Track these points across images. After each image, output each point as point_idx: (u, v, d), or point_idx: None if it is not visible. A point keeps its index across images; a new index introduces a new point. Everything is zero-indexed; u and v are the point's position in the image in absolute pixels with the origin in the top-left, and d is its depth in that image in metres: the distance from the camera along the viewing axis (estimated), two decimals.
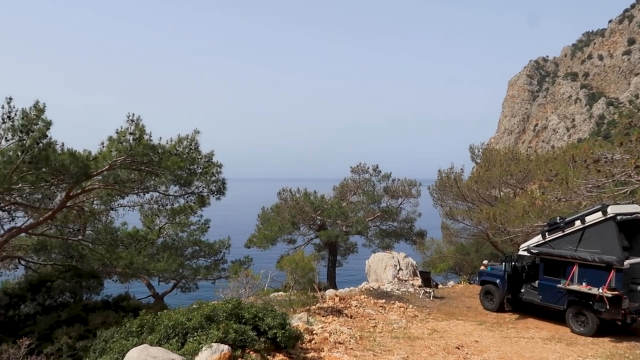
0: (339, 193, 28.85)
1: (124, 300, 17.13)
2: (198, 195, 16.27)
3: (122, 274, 18.25)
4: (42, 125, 11.63)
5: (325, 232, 24.96)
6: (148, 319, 8.64)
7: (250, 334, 8.27)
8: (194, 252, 21.75)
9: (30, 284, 16.21)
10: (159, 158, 13.38)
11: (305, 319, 12.70)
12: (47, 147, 11.79)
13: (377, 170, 27.79)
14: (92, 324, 14.35)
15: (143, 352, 6.78)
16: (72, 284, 16.36)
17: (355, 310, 15.37)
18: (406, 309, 16.32)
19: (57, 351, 12.98)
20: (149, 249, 18.22)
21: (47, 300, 16.36)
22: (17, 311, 15.93)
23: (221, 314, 8.51)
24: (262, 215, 28.02)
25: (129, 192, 15.83)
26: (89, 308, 15.84)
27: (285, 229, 26.13)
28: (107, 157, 12.86)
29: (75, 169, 12.29)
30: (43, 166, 11.94)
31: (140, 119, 12.82)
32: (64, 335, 13.52)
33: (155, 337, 8.02)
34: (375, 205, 27.64)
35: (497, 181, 22.50)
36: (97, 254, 16.48)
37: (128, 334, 8.42)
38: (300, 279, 15.84)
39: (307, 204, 25.39)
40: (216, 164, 15.20)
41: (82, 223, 16.98)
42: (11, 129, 11.47)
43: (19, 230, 14.75)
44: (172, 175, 14.51)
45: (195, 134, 14.32)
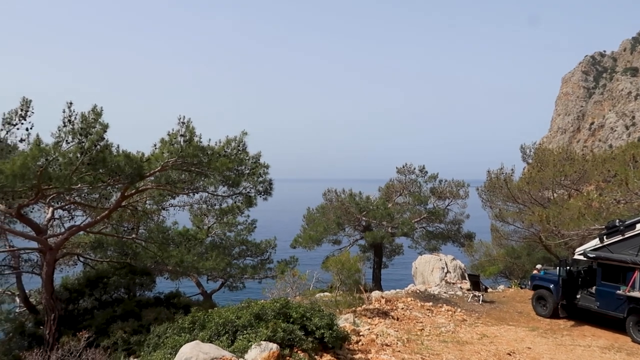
0: (384, 194, 28.58)
1: (175, 297, 17.64)
2: (245, 195, 16.55)
3: (173, 271, 18.81)
4: (100, 128, 12.10)
5: (370, 234, 24.77)
6: (199, 316, 8.85)
7: (298, 334, 8.32)
8: (241, 252, 22.14)
9: (88, 280, 16.97)
10: (208, 159, 13.70)
11: (352, 320, 12.65)
12: (104, 149, 12.27)
13: (423, 171, 27.35)
14: (145, 319, 14.87)
15: (195, 348, 6.95)
16: (126, 280, 17.00)
17: (402, 313, 15.18)
18: (454, 313, 15.97)
19: (113, 345, 13.52)
20: (198, 248, 18.70)
21: (104, 295, 17.09)
22: (77, 305, 16.74)
23: (269, 313, 8.61)
24: (307, 215, 28.14)
25: (179, 192, 16.29)
26: (142, 304, 16.42)
27: (330, 229, 26.12)
28: (159, 159, 13.28)
29: (130, 170, 12.75)
30: (100, 167, 12.45)
31: (190, 121, 13.17)
32: (119, 329, 14.08)
33: (206, 333, 8.20)
34: (422, 207, 27.21)
35: (550, 182, 21.63)
36: (150, 252, 17.06)
37: (180, 330, 8.66)
38: (346, 280, 15.82)
39: (352, 205, 25.31)
40: (263, 164, 15.40)
41: (136, 222, 17.64)
42: (71, 132, 11.99)
43: (78, 229, 15.47)
44: (221, 176, 14.82)
45: (243, 135, 14.56)
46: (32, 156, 11.55)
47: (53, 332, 14.12)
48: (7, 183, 11.60)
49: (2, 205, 14.23)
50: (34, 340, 15.36)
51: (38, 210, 17.03)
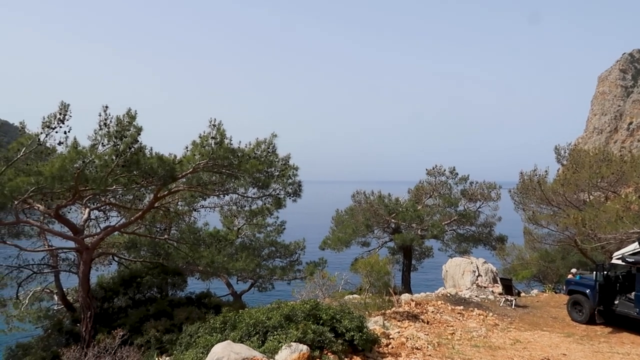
0: (414, 196, 28.27)
1: (206, 297, 17.90)
2: (275, 197, 16.69)
3: (204, 272, 19.09)
4: (134, 131, 12.38)
5: (399, 236, 24.53)
6: (230, 316, 8.95)
7: (328, 335, 8.32)
8: (270, 253, 22.28)
9: (122, 279, 17.38)
10: (239, 161, 13.86)
11: (381, 323, 12.56)
12: (138, 151, 12.57)
13: (454, 173, 26.94)
14: (177, 318, 15.14)
15: (227, 348, 7.03)
16: (159, 280, 17.35)
17: (432, 316, 14.99)
18: (486, 317, 15.69)
19: (146, 343, 13.81)
20: (229, 249, 18.92)
21: (137, 294, 17.48)
22: (111, 304, 17.17)
23: (299, 314, 8.64)
24: (336, 217, 28.08)
25: (210, 193, 16.55)
26: (174, 303, 16.71)
27: (359, 231, 26.00)
28: (191, 161, 13.52)
29: (163, 171, 13.02)
30: (134, 169, 12.75)
31: (221, 123, 13.36)
32: (152, 328, 14.37)
33: (237, 334, 8.29)
34: (452, 209, 26.79)
35: (586, 184, 20.99)
36: (182, 253, 17.35)
37: (212, 329, 8.77)
38: (375, 282, 15.73)
39: (381, 207, 25.13)
40: (292, 166, 15.51)
41: (168, 223, 18.02)
42: (107, 134, 12.31)
43: (113, 229, 15.89)
44: (251, 178, 14.98)
45: (272, 137, 14.69)
46: (69, 158, 11.93)
47: (89, 330, 14.53)
48: (47, 184, 12.02)
49: (42, 205, 14.75)
50: (71, 337, 15.85)
51: (75, 211, 17.59)
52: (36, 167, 12.06)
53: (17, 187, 11.71)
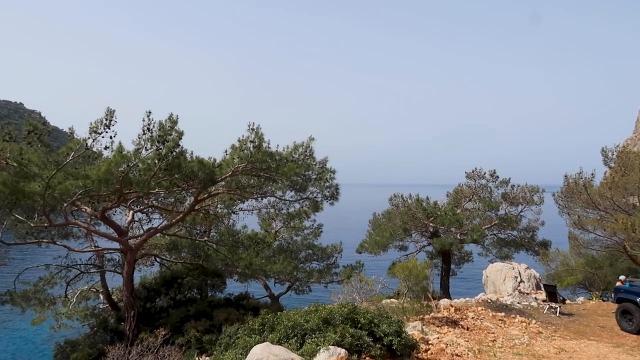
0: (452, 199, 27.75)
1: (244, 299, 18.12)
2: (312, 200, 16.77)
3: (242, 274, 19.38)
4: (176, 135, 12.71)
5: (438, 240, 24.15)
6: (269, 318, 9.03)
7: (366, 340, 8.26)
8: (307, 256, 22.38)
9: (164, 280, 17.84)
10: (277, 164, 14.02)
11: (420, 328, 12.39)
12: (180, 155, 12.89)
13: (494, 176, 26.29)
14: (217, 319, 15.39)
15: (265, 350, 7.09)
16: (199, 281, 17.71)
17: (472, 322, 14.67)
18: (529, 324, 15.21)
19: (187, 343, 14.12)
20: (266, 251, 19.14)
21: (178, 295, 17.89)
22: (153, 304, 17.64)
23: (337, 317, 8.62)
24: (373, 221, 27.91)
25: (248, 196, 16.78)
26: (214, 304, 17.00)
27: (396, 235, 25.74)
28: (230, 164, 13.76)
29: (203, 175, 13.31)
30: (176, 173, 13.08)
31: (259, 127, 13.54)
32: (192, 328, 14.67)
33: (276, 336, 8.35)
34: (493, 213, 26.13)
35: (635, 187, 20.09)
36: (221, 254, 17.68)
37: (251, 331, 8.87)
38: (414, 286, 15.52)
39: (419, 210, 24.80)
40: (330, 170, 15.56)
41: (208, 225, 18.38)
42: (150, 139, 12.69)
43: (155, 231, 16.35)
44: (289, 181, 15.11)
45: (310, 141, 14.79)
46: (115, 162, 12.37)
47: (133, 328, 14.98)
48: (93, 187, 12.50)
49: (89, 208, 15.34)
50: (116, 335, 16.38)
51: (120, 213, 18.20)
52: (84, 171, 12.55)
53: (66, 190, 12.22)
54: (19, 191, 12.08)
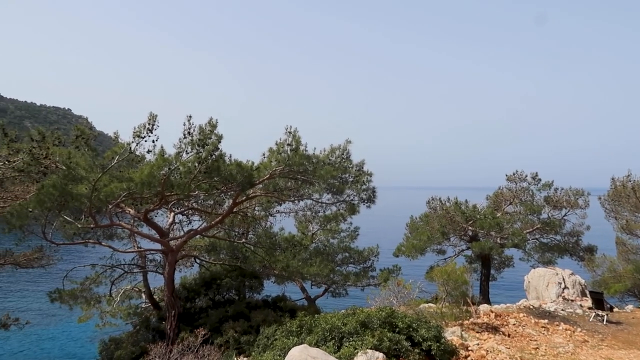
0: (492, 202, 27.09)
1: (281, 300, 18.26)
2: (349, 203, 16.73)
3: (279, 275, 19.50)
4: (215, 139, 12.94)
5: (477, 244, 23.60)
6: (306, 320, 9.07)
7: (404, 344, 8.18)
8: (344, 259, 22.30)
9: (203, 281, 18.19)
10: (314, 167, 14.07)
11: (459, 334, 12.16)
12: (219, 158, 13.12)
13: (536, 179, 25.50)
14: (254, 320, 15.57)
15: (304, 352, 7.12)
16: (237, 282, 17.97)
17: (514, 329, 14.28)
18: (573, 332, 14.67)
19: (225, 343, 14.33)
20: (303, 254, 19.20)
21: (217, 296, 18.21)
22: (193, 304, 18.02)
23: (375, 321, 8.57)
24: (410, 224, 27.55)
25: (285, 199, 16.92)
26: (251, 306, 17.21)
27: (434, 238, 25.31)
28: (267, 167, 13.91)
29: (241, 178, 13.51)
30: (215, 175, 13.33)
31: (297, 130, 13.63)
32: (230, 329, 14.90)
33: (313, 338, 8.37)
34: (535, 217, 25.35)
35: None
36: (258, 256, 17.87)
37: (289, 333, 8.93)
38: (452, 291, 15.26)
39: (457, 214, 24.32)
40: (367, 172, 15.49)
41: (246, 227, 18.63)
42: (190, 143, 12.98)
43: (195, 232, 16.70)
44: (325, 184, 15.14)
45: (347, 144, 14.79)
46: (157, 165, 12.72)
47: (173, 328, 15.34)
48: (136, 190, 12.88)
49: (132, 210, 15.83)
50: (157, 333, 16.81)
51: (161, 215, 18.68)
52: (127, 174, 12.96)
53: (111, 192, 12.65)
54: (67, 193, 12.59)
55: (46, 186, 12.36)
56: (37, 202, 12.43)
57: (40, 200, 12.43)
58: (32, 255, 15.85)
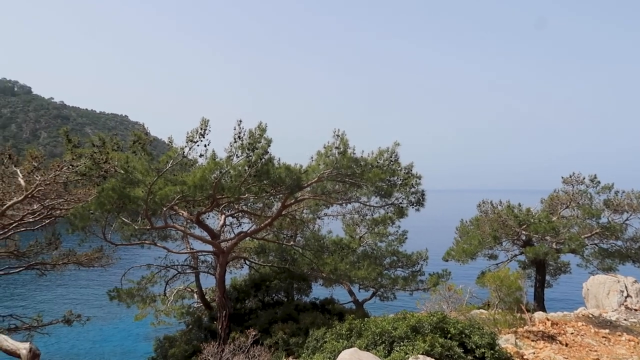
0: (547, 206, 26.04)
1: (330, 303, 18.28)
2: (397, 206, 16.55)
3: (327, 278, 19.55)
4: (264, 143, 13.17)
5: (531, 249, 22.75)
6: (356, 324, 9.04)
7: (456, 350, 8.00)
8: (392, 262, 22.05)
9: (253, 282, 18.51)
10: (361, 170, 14.04)
11: (513, 342, 11.78)
12: (268, 162, 13.34)
13: (595, 181, 24.30)
14: (303, 322, 15.67)
15: (354, 355, 7.10)
16: (286, 284, 18.16)
17: (572, 339, 13.66)
18: (638, 344, 13.87)
19: (274, 344, 14.50)
20: (351, 257, 19.15)
21: (266, 297, 18.47)
22: (243, 305, 18.36)
23: (426, 326, 8.43)
24: (460, 228, 26.91)
25: (333, 202, 16.96)
26: (300, 308, 17.34)
27: (485, 243, 24.60)
28: (315, 170, 14.00)
29: (290, 181, 13.66)
30: (264, 179, 13.56)
31: (344, 133, 13.64)
32: (280, 330, 15.06)
33: (363, 342, 8.34)
34: (594, 221, 24.13)
35: None
36: (306, 259, 17.99)
37: (338, 336, 8.93)
38: (505, 297, 14.78)
39: (510, 217, 23.54)
40: (415, 175, 15.27)
41: (294, 230, 18.81)
42: (240, 147, 13.26)
43: (245, 234, 17.03)
44: (373, 187, 15.06)
45: (395, 146, 14.65)
46: (209, 169, 13.09)
47: (225, 328, 15.69)
48: (189, 193, 13.30)
49: (185, 212, 16.34)
50: (209, 333, 17.24)
51: (213, 217, 19.18)
52: (181, 177, 13.41)
53: (166, 195, 13.12)
54: (125, 196, 13.16)
55: (106, 189, 12.98)
56: (98, 204, 13.05)
57: (101, 202, 13.05)
58: (93, 255, 16.62)
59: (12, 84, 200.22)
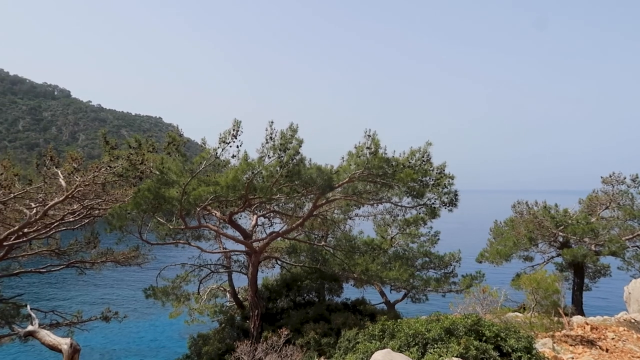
0: (586, 207, 25.25)
1: (361, 304, 18.24)
2: (429, 206, 16.34)
3: (358, 279, 19.48)
4: (296, 144, 13.21)
5: (569, 251, 22.10)
6: (389, 325, 8.97)
7: (492, 354, 7.84)
8: (424, 263, 21.82)
9: (285, 282, 18.64)
10: (393, 170, 13.92)
11: (551, 346, 11.47)
12: (299, 162, 13.39)
13: (637, 181, 23.45)
14: (334, 323, 15.69)
15: (387, 357, 7.06)
16: (317, 284, 18.21)
17: (613, 344, 13.19)
18: None
19: (306, 344, 14.56)
20: (382, 258, 19.05)
21: (297, 297, 18.57)
22: (275, 304, 18.50)
23: (460, 328, 8.29)
24: (494, 229, 26.40)
25: (365, 202, 16.86)
26: (331, 308, 17.36)
27: (520, 244, 24.04)
28: (347, 171, 13.97)
29: (321, 181, 13.68)
30: (296, 179, 13.61)
31: (376, 133, 13.56)
32: (311, 330, 15.12)
33: (396, 343, 8.27)
34: (636, 222, 23.29)
35: None
36: (338, 259, 17.97)
37: (371, 337, 8.89)
38: (542, 300, 14.41)
39: (547, 218, 22.93)
40: (448, 175, 15.05)
41: (325, 230, 18.83)
42: (272, 147, 13.35)
43: (277, 235, 17.15)
44: (405, 187, 14.91)
45: (427, 146, 14.47)
46: (241, 170, 13.24)
47: (257, 327, 15.84)
48: (222, 193, 13.49)
49: (218, 212, 16.58)
50: (242, 332, 17.45)
51: (245, 217, 19.39)
52: (214, 178, 13.62)
53: (199, 196, 13.35)
54: (160, 196, 13.46)
55: (142, 190, 13.31)
56: (134, 204, 13.39)
57: (137, 202, 13.38)
58: (129, 254, 17.07)
59: (53, 88, 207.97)
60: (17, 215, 13.87)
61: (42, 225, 13.71)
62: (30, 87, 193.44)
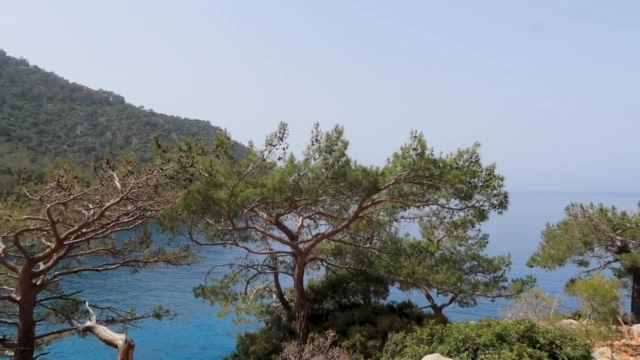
0: None
1: (408, 307, 18.02)
2: (478, 209, 15.94)
3: (404, 282, 19.25)
4: (341, 145, 13.22)
5: (628, 256, 20.98)
6: (437, 329, 8.84)
7: None
8: (472, 267, 21.28)
9: (330, 284, 18.67)
10: (440, 172, 13.67)
11: (610, 355, 10.92)
12: (345, 164, 13.38)
13: None
14: (380, 325, 15.57)
15: None
16: (362, 286, 18.13)
17: None
18: None
19: (352, 346, 14.53)
20: (429, 260, 18.71)
21: (343, 299, 18.56)
22: (320, 306, 18.57)
23: (513, 334, 8.04)
24: (546, 232, 25.43)
25: (411, 204, 16.64)
26: (377, 311, 17.24)
27: (575, 248, 23.03)
28: (392, 172, 13.85)
29: (367, 183, 13.62)
30: (341, 181, 13.62)
31: (422, 134, 13.36)
32: (357, 332, 15.06)
33: (446, 347, 8.12)
34: None
35: None
36: (383, 261, 17.83)
37: (419, 340, 8.78)
38: (599, 307, 13.79)
39: (603, 222, 21.88)
40: (498, 176, 14.61)
41: (371, 232, 18.74)
42: (318, 149, 13.42)
43: (322, 236, 17.20)
44: (453, 189, 14.61)
45: (475, 147, 14.14)
46: (287, 172, 13.39)
47: (303, 328, 15.95)
48: (269, 195, 13.68)
49: (265, 213, 16.83)
50: (287, 332, 17.62)
51: (291, 219, 19.58)
52: (261, 180, 13.83)
53: (247, 197, 13.59)
54: (209, 198, 13.81)
55: (192, 191, 13.70)
56: (185, 206, 13.80)
57: (187, 204, 13.78)
58: (180, 254, 17.55)
59: (108, 94, 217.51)
60: (76, 215, 14.53)
61: (99, 226, 14.30)
62: (87, 94, 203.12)
